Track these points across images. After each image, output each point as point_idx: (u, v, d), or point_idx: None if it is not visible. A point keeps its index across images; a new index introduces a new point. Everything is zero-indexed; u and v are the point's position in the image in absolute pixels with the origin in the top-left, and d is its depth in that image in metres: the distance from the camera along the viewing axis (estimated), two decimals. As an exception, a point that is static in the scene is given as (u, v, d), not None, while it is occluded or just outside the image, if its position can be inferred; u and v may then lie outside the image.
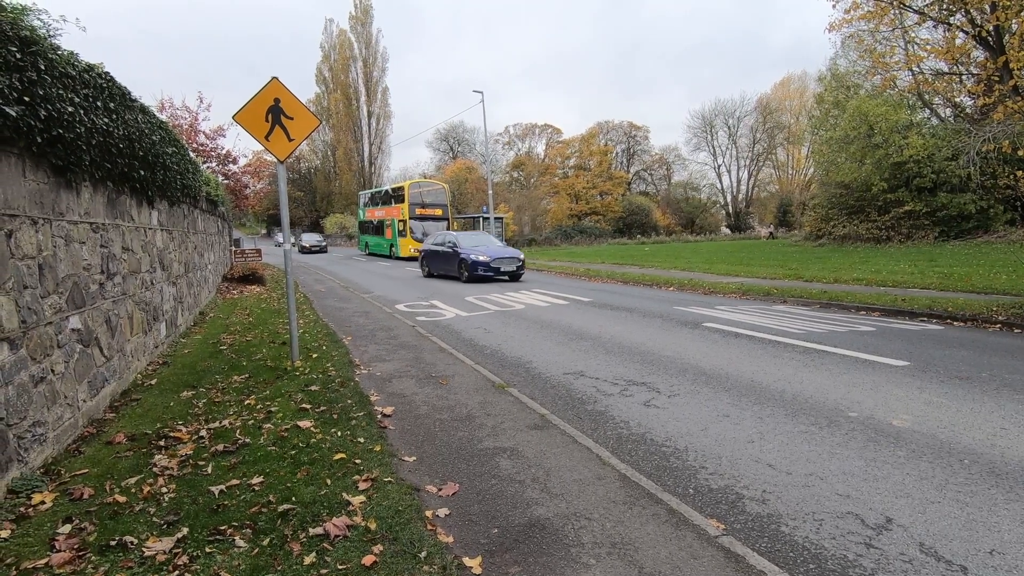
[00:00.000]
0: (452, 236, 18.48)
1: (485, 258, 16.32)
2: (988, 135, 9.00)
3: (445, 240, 18.53)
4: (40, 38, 3.51)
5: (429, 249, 19.15)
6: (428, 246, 19.48)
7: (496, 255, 16.57)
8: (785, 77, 62.84)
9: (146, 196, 6.31)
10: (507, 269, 16.49)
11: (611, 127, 65.92)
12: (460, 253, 16.91)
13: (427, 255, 19.09)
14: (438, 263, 18.39)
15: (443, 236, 19.12)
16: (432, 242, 19.63)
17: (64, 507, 2.98)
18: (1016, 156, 8.87)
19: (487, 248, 17.35)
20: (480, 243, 18.02)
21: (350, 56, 61.14)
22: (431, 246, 19.23)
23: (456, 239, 17.94)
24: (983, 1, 8.58)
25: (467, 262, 16.46)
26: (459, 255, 16.90)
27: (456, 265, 17.05)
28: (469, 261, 16.38)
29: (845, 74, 28.61)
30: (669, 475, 3.57)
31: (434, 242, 19.41)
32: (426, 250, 19.37)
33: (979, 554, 2.62)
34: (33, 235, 3.54)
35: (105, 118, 4.52)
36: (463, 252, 16.82)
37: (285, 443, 3.86)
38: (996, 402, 4.72)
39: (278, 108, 5.92)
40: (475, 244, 17.72)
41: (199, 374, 5.80)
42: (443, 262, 18.00)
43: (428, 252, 19.06)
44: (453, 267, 17.27)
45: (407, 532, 2.73)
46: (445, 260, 17.86)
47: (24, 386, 3.30)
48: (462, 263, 16.75)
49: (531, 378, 5.92)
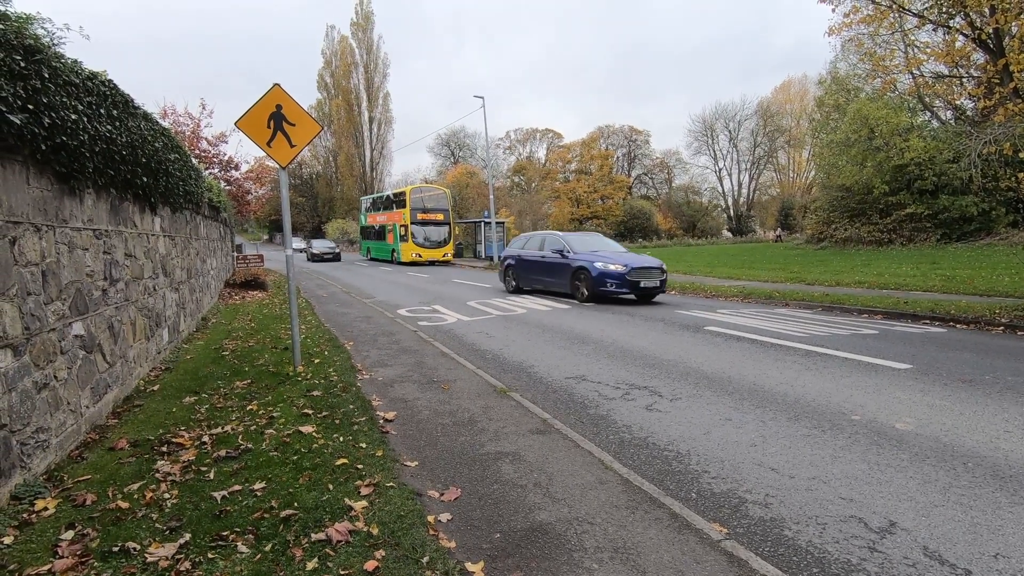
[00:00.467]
0: (558, 237, 13.68)
1: (618, 267, 11.61)
2: (989, 137, 9.01)
3: (545, 243, 13.87)
4: (44, 47, 3.54)
5: (518, 256, 14.43)
6: (516, 251, 14.73)
7: (633, 263, 11.80)
8: (785, 81, 63.02)
9: (149, 203, 6.34)
10: (648, 285, 11.66)
11: (612, 131, 66.14)
12: (574, 261, 12.43)
13: (516, 265, 14.43)
14: (534, 274, 13.87)
15: (541, 237, 14.43)
16: (521, 246, 14.83)
17: (67, 513, 2.98)
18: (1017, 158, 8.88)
19: (613, 254, 12.62)
20: (598, 246, 13.36)
21: (351, 62, 61.40)
22: (520, 252, 14.51)
23: (566, 241, 13.26)
24: (982, 4, 8.60)
25: (589, 274, 11.85)
26: (573, 264, 12.43)
27: (567, 278, 12.60)
28: (594, 273, 11.75)
29: (845, 77, 28.67)
30: (671, 479, 3.56)
31: (524, 246, 14.67)
32: (514, 257, 14.61)
33: (984, 557, 2.61)
34: (37, 242, 3.56)
35: (108, 125, 4.54)
36: (579, 259, 12.33)
37: (287, 448, 3.86)
38: (999, 405, 4.70)
39: (280, 114, 5.95)
40: (593, 248, 13.06)
41: (201, 380, 5.81)
42: (543, 272, 13.54)
43: (517, 260, 14.41)
44: (561, 280, 12.84)
45: (409, 537, 2.72)
46: (546, 270, 13.39)
47: (27, 392, 3.31)
48: (580, 275, 12.19)
49: (533, 382, 5.92)
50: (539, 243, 14.11)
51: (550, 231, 15.52)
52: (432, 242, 30.38)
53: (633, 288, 11.59)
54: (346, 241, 56.27)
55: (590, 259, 12.17)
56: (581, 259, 12.33)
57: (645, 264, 11.95)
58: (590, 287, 11.85)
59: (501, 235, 32.80)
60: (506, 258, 15.07)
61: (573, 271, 12.39)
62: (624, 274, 11.51)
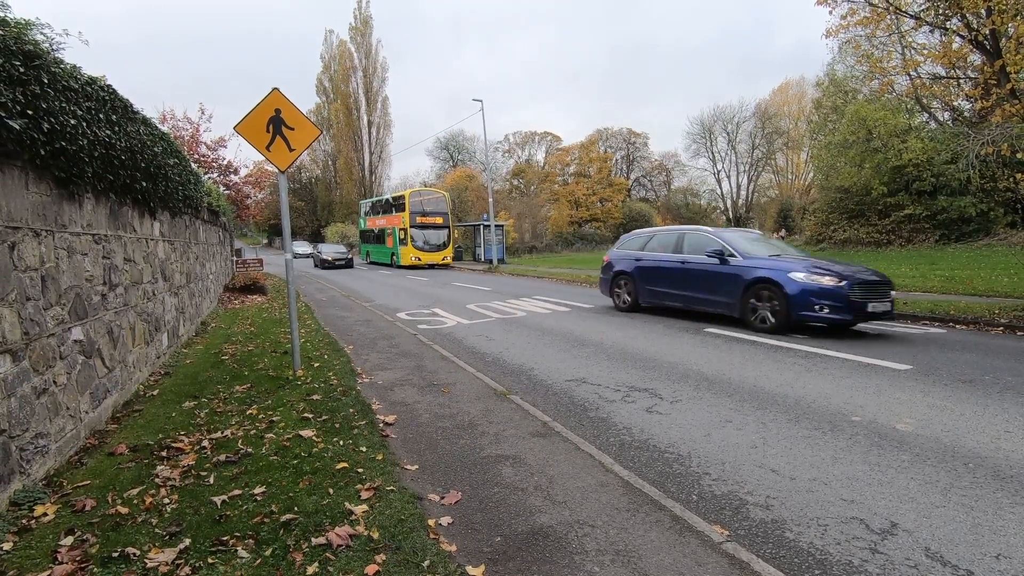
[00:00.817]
0: (709, 235, 9.58)
1: (831, 281, 7.75)
2: (987, 138, 9.02)
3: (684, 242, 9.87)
4: (43, 52, 3.54)
5: (637, 261, 10.52)
6: (632, 254, 10.78)
7: (851, 274, 7.93)
8: (783, 83, 62.97)
9: (148, 207, 6.34)
10: (878, 308, 7.76)
11: (610, 134, 66.18)
12: (748, 271, 8.53)
13: (635, 273, 10.48)
14: (666, 286, 9.93)
15: (676, 235, 10.22)
16: (640, 246, 10.84)
17: (66, 519, 2.98)
18: (1015, 159, 8.90)
19: (804, 260, 8.62)
20: (772, 248, 9.47)
21: (350, 66, 61.48)
22: (640, 254, 10.58)
23: (725, 240, 9.22)
24: (979, 5, 8.63)
25: (780, 290, 8.02)
26: (746, 275, 8.55)
27: (735, 294, 8.68)
28: (791, 289, 7.90)
29: (843, 79, 28.73)
30: (672, 481, 3.56)
31: (646, 246, 10.70)
32: (629, 262, 10.68)
33: (985, 558, 2.60)
34: (36, 247, 3.56)
35: (107, 130, 4.55)
36: (758, 268, 8.44)
37: (287, 453, 3.85)
38: (1000, 405, 4.70)
39: (279, 118, 5.96)
40: (768, 251, 9.16)
41: (201, 384, 5.80)
42: (684, 285, 9.62)
43: (636, 268, 10.48)
44: (723, 297, 8.94)
45: (410, 541, 2.72)
46: (692, 282, 9.49)
47: (26, 398, 3.30)
48: (761, 291, 8.34)
49: (533, 385, 5.91)
50: (674, 242, 9.95)
51: (692, 226, 11.30)
52: (431, 245, 30.24)
53: (857, 312, 7.65)
54: (345, 245, 56.28)
55: (778, 268, 8.17)
56: (761, 267, 8.36)
57: (868, 278, 7.95)
58: (785, 309, 7.93)
59: (500, 238, 32.87)
60: (615, 263, 11.10)
61: (747, 285, 8.43)
62: (843, 292, 7.60)
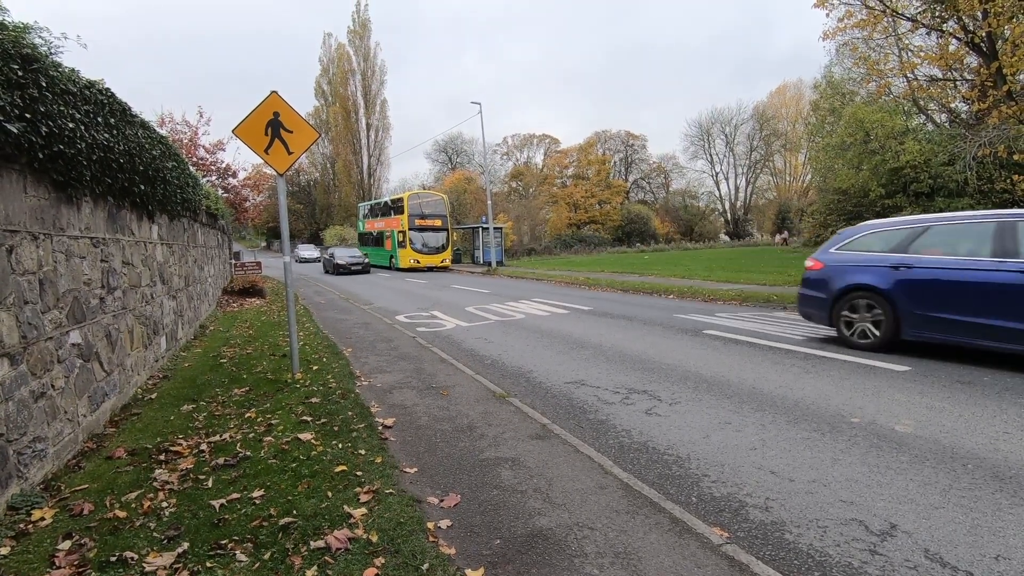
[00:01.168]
0: None
1: None
2: (984, 140, 9.06)
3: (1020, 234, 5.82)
4: (41, 56, 3.55)
5: (913, 272, 6.51)
6: (889, 258, 6.83)
7: None
8: (781, 85, 63.31)
9: (146, 210, 6.33)
10: None
11: (608, 136, 66.29)
12: None
13: (905, 289, 6.54)
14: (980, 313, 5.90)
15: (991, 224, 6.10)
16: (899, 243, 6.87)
17: (64, 523, 2.97)
18: (1012, 160, 8.92)
19: None
20: None
21: (349, 69, 61.57)
22: (911, 260, 6.60)
23: None
24: (975, 8, 8.68)
25: None
26: None
27: None
28: None
29: (840, 81, 28.82)
30: (672, 483, 3.55)
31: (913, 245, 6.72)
32: (893, 274, 6.66)
33: (985, 559, 2.60)
34: (34, 250, 3.56)
35: (106, 133, 4.55)
36: None
37: (286, 456, 3.85)
38: (998, 406, 4.71)
39: (277, 121, 5.96)
40: None
41: (199, 387, 5.79)
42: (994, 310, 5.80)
43: (910, 283, 6.50)
44: None
45: (409, 544, 2.71)
46: None
47: (24, 401, 3.29)
48: None
49: (532, 388, 5.91)
50: (991, 237, 6.08)
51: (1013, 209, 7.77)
52: (430, 248, 30.11)
53: None
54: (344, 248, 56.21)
55: None
56: None
57: None
58: None
59: (499, 240, 32.84)
60: (840, 272, 7.40)
61: None
62: None
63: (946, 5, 9.36)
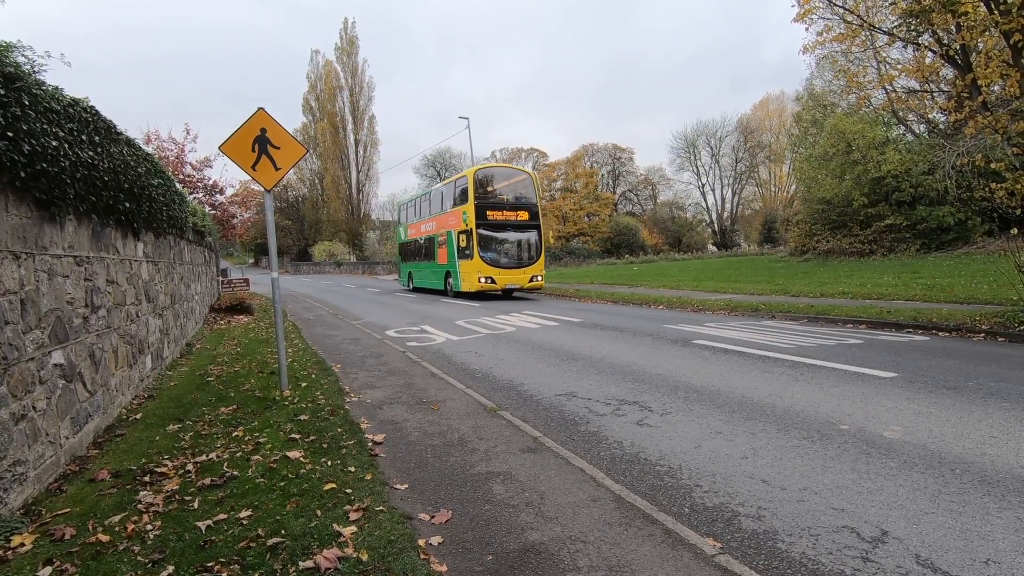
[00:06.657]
0: None
1: None
2: (962, 149, 9.26)
3: None
4: (24, 74, 3.53)
5: None
6: None
7: None
8: (764, 97, 64.45)
9: (132, 228, 6.27)
10: None
11: (596, 149, 66.96)
12: None
13: None
14: None
15: None
16: None
17: (45, 549, 2.89)
18: (990, 169, 9.12)
19: None
20: None
21: (336, 86, 61.85)
22: None
23: None
24: (949, 22, 8.91)
25: None
26: None
27: None
28: None
29: (821, 93, 29.44)
30: (664, 494, 3.54)
31: None
32: None
33: (975, 564, 2.61)
34: (15, 270, 3.50)
35: (90, 151, 4.52)
36: None
37: (274, 474, 3.79)
38: (984, 411, 4.76)
39: (264, 138, 5.96)
40: None
41: (186, 407, 5.70)
42: None
43: None
44: None
45: (400, 562, 2.67)
46: None
47: (4, 424, 3.22)
48: None
49: (523, 401, 5.88)
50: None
51: None
52: (512, 258, 18.79)
53: None
54: (332, 264, 56.02)
55: None
56: None
57: None
58: None
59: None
60: None
61: None
62: None
63: (921, 19, 9.61)
